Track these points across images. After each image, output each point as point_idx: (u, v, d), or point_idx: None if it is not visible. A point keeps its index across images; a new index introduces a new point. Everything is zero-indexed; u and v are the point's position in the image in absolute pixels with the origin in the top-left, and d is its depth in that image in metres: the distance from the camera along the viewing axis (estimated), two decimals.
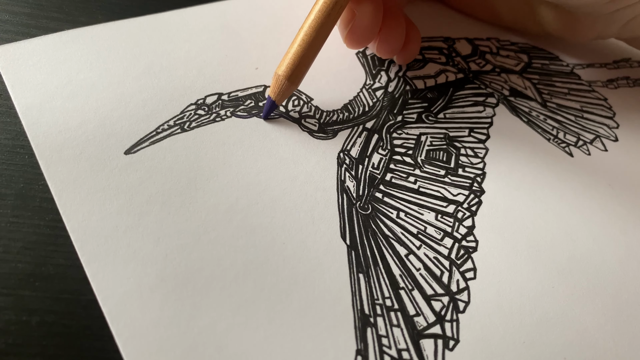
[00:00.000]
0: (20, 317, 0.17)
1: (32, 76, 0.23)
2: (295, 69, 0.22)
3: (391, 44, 0.25)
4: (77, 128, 0.22)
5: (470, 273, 0.21)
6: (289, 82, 0.22)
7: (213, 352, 0.17)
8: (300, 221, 0.21)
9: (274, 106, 0.23)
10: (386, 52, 0.26)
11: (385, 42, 0.25)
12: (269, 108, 0.23)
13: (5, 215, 0.19)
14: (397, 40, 0.25)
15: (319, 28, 0.22)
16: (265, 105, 0.24)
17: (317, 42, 0.22)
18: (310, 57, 0.22)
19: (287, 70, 0.22)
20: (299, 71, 0.22)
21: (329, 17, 0.22)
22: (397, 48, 0.26)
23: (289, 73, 0.22)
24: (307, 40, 0.22)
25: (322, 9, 0.22)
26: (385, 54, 0.26)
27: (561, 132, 0.27)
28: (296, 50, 0.22)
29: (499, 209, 0.23)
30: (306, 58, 0.22)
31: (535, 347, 0.19)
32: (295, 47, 0.22)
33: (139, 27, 0.26)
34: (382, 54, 0.26)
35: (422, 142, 0.25)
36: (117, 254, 0.19)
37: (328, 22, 0.22)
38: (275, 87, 0.23)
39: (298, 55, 0.22)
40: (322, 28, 0.22)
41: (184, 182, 0.21)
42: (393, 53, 0.26)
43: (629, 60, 0.32)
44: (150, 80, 0.24)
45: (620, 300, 0.21)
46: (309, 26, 0.22)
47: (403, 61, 0.28)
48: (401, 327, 0.19)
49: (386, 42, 0.25)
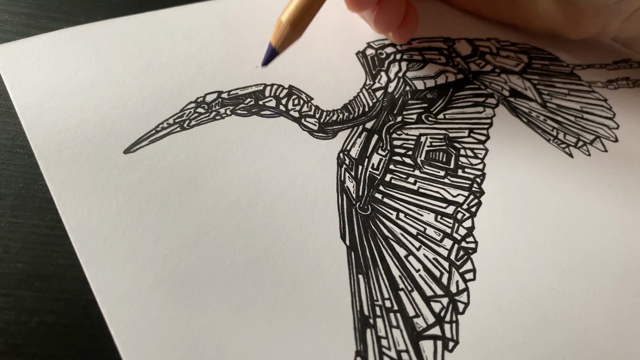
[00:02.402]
0: (20, 317, 0.17)
1: (31, 75, 0.23)
2: (299, 15, 0.22)
3: (390, 16, 0.25)
4: (77, 127, 0.22)
5: (469, 274, 0.21)
6: (291, 28, 0.22)
7: (212, 352, 0.17)
8: (300, 221, 0.21)
9: (274, 53, 0.23)
10: (383, 24, 0.25)
11: (384, 12, 0.25)
12: (269, 54, 0.23)
13: (4, 215, 0.19)
14: (395, 14, 0.25)
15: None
16: (266, 51, 0.23)
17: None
18: (314, 5, 0.22)
19: (290, 16, 0.22)
20: (302, 18, 0.22)
21: None
22: (395, 23, 0.25)
23: (292, 19, 0.22)
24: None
25: None
26: (382, 27, 0.26)
27: (561, 132, 0.27)
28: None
29: (498, 210, 0.23)
30: (310, 5, 0.22)
31: (535, 348, 0.19)
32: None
33: (139, 24, 0.26)
34: (379, 26, 0.26)
35: (421, 143, 0.24)
36: (117, 254, 0.19)
37: None
38: (277, 33, 0.22)
39: (302, 1, 0.22)
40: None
41: (184, 182, 0.21)
42: (390, 27, 0.26)
43: (629, 60, 0.32)
44: (149, 79, 0.24)
45: (620, 301, 0.21)
46: None
47: (399, 39, 0.27)
48: (401, 328, 0.19)
49: (385, 13, 0.25)
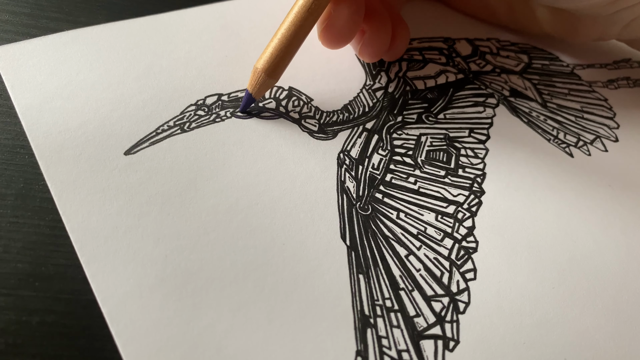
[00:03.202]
0: (20, 317, 0.17)
1: (32, 77, 0.23)
2: (274, 63, 0.22)
3: (373, 48, 0.25)
4: (77, 129, 0.22)
5: (470, 274, 0.20)
6: (266, 75, 0.22)
7: (213, 352, 0.17)
8: (300, 222, 0.21)
9: (251, 100, 0.23)
10: (368, 56, 0.25)
11: (367, 45, 0.25)
12: (246, 102, 0.23)
13: (5, 215, 0.20)
14: (379, 44, 0.25)
15: (300, 23, 0.22)
16: (243, 98, 0.23)
17: (297, 37, 0.22)
18: (289, 52, 0.22)
19: (265, 64, 0.22)
20: (277, 65, 0.22)
21: (310, 14, 0.22)
22: (380, 52, 0.25)
23: (267, 67, 0.22)
24: (287, 35, 0.22)
25: (303, 4, 0.22)
26: (368, 58, 0.25)
27: (561, 132, 0.27)
28: (275, 45, 0.22)
29: (499, 210, 0.23)
30: (285, 53, 0.22)
31: (535, 347, 0.19)
32: (274, 42, 0.22)
33: (139, 27, 0.26)
34: (364, 58, 0.25)
35: (422, 143, 0.25)
36: (117, 255, 0.19)
37: (309, 18, 0.22)
38: (253, 80, 0.23)
39: (277, 49, 0.22)
40: (303, 24, 0.22)
41: (184, 183, 0.21)
42: (376, 56, 0.25)
43: (629, 60, 0.32)
44: (150, 81, 0.24)
45: (620, 301, 0.21)
46: (289, 21, 0.22)
47: (389, 59, 0.27)
48: (401, 328, 0.19)
49: (369, 46, 0.25)
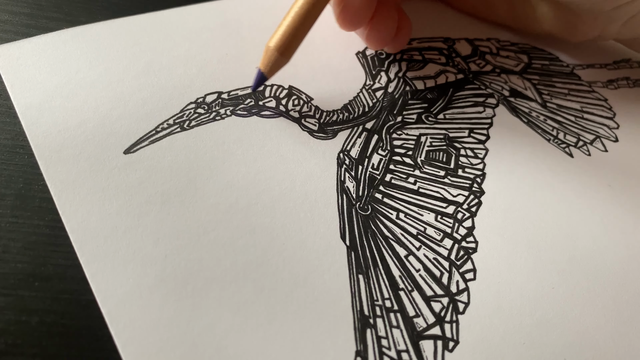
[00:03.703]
0: (20, 317, 0.17)
1: (31, 75, 0.23)
2: (286, 41, 0.22)
3: (381, 33, 0.25)
4: (77, 127, 0.22)
5: (470, 274, 0.20)
6: (279, 54, 0.22)
7: (212, 352, 0.17)
8: (300, 221, 0.21)
9: (263, 79, 0.23)
10: (376, 41, 0.26)
11: (375, 30, 0.25)
12: (258, 80, 0.23)
13: (5, 215, 0.19)
14: (387, 30, 0.25)
15: (312, 1, 0.22)
16: (255, 77, 0.23)
17: (310, 16, 0.22)
18: (302, 30, 0.22)
19: (278, 42, 0.22)
20: (290, 44, 0.22)
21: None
22: (387, 39, 0.26)
23: (280, 45, 0.22)
24: (300, 13, 0.22)
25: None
26: (375, 44, 0.26)
27: (561, 132, 0.27)
28: (288, 23, 0.22)
29: (499, 210, 0.23)
30: (298, 31, 0.22)
31: (535, 348, 0.19)
32: (287, 20, 0.22)
33: (139, 25, 0.26)
34: (371, 43, 0.26)
35: (421, 143, 0.24)
36: (117, 254, 0.19)
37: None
38: (265, 59, 0.22)
39: (290, 27, 0.22)
40: (316, 2, 0.22)
41: (184, 182, 0.21)
42: (382, 44, 0.26)
43: (629, 60, 0.32)
44: (149, 79, 0.24)
45: (620, 301, 0.21)
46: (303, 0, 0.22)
47: (392, 50, 0.28)
48: (401, 328, 0.19)
49: (377, 31, 0.25)
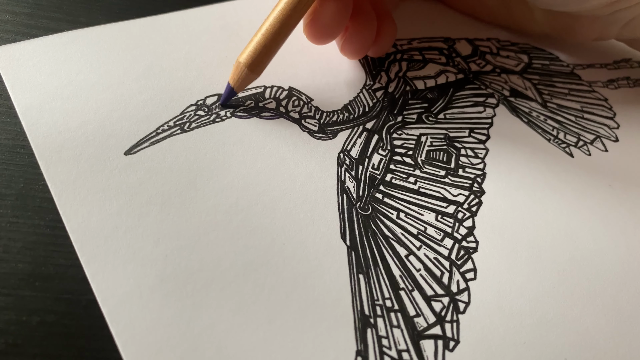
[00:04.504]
0: (20, 317, 0.17)
1: (32, 77, 0.23)
2: (256, 57, 0.22)
3: (355, 45, 0.25)
4: (77, 129, 0.22)
5: (470, 274, 0.20)
6: (248, 70, 0.22)
7: (213, 352, 0.17)
8: (300, 222, 0.21)
9: (232, 93, 0.23)
10: (350, 53, 0.25)
11: (349, 42, 0.25)
12: (227, 95, 0.23)
13: (5, 215, 0.20)
14: (362, 43, 0.25)
15: (284, 19, 0.22)
16: (224, 91, 0.23)
17: (281, 33, 0.22)
18: (272, 47, 0.22)
19: (248, 59, 0.22)
20: (259, 60, 0.22)
21: (295, 10, 0.22)
22: (363, 50, 0.25)
23: (249, 61, 0.22)
24: (271, 30, 0.22)
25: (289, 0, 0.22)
26: (350, 55, 0.25)
27: (561, 132, 0.27)
28: (259, 40, 0.22)
29: (499, 210, 0.23)
30: (268, 48, 0.22)
31: (535, 347, 0.19)
32: (258, 36, 0.22)
33: (139, 28, 0.26)
34: (346, 54, 0.25)
35: (422, 143, 0.25)
36: (117, 255, 0.19)
37: (294, 14, 0.22)
38: (235, 74, 0.23)
39: (260, 44, 0.22)
40: (288, 20, 0.22)
41: (184, 183, 0.21)
42: (358, 54, 0.25)
43: (629, 60, 0.32)
44: (150, 82, 0.24)
45: (620, 301, 0.21)
46: (274, 17, 0.22)
47: (374, 55, 0.27)
48: (401, 328, 0.19)
49: (350, 43, 0.25)
